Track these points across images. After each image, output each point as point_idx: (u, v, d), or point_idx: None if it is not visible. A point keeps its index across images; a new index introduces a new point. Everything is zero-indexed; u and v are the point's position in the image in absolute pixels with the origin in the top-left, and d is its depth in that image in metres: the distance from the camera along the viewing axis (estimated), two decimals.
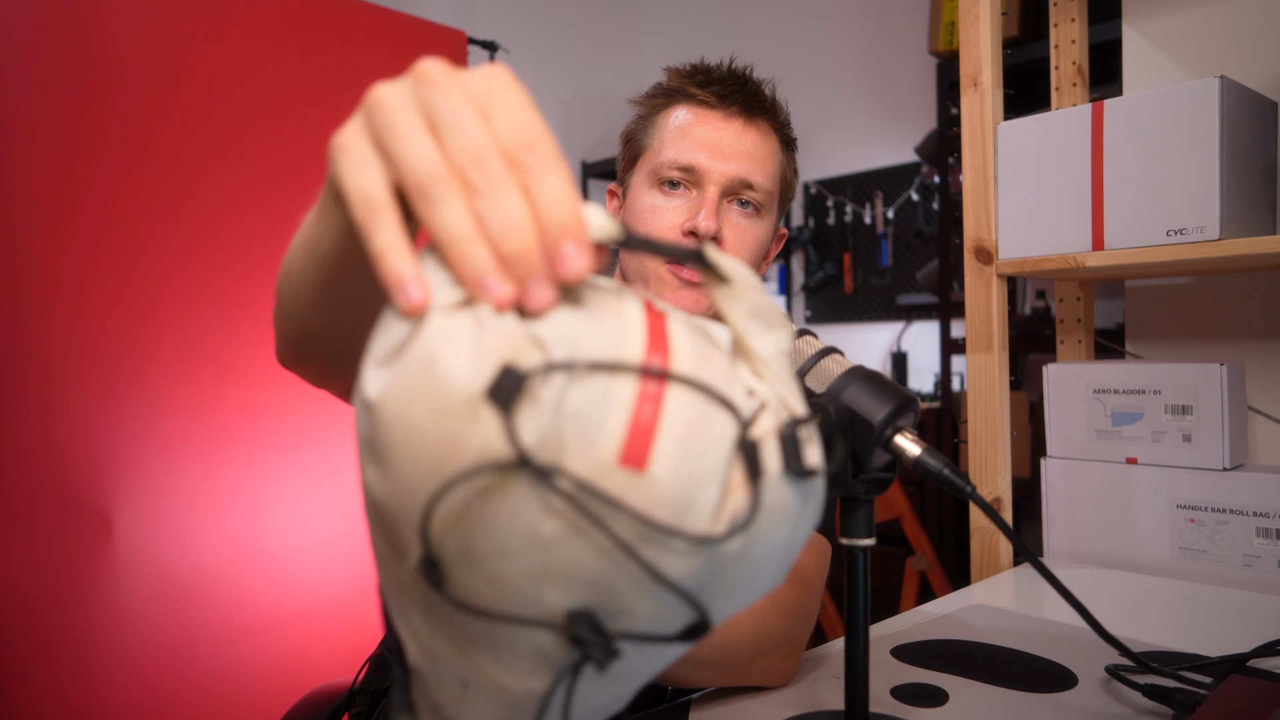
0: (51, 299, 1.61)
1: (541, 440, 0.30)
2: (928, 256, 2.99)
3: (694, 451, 0.32)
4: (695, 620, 0.34)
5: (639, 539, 0.31)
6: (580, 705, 0.36)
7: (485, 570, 0.32)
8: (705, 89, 0.85)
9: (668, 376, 0.33)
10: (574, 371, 0.31)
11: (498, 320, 0.32)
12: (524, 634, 0.33)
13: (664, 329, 0.35)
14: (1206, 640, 0.80)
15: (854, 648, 0.57)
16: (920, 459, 0.53)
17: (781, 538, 0.35)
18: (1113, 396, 1.09)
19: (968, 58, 1.12)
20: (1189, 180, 0.92)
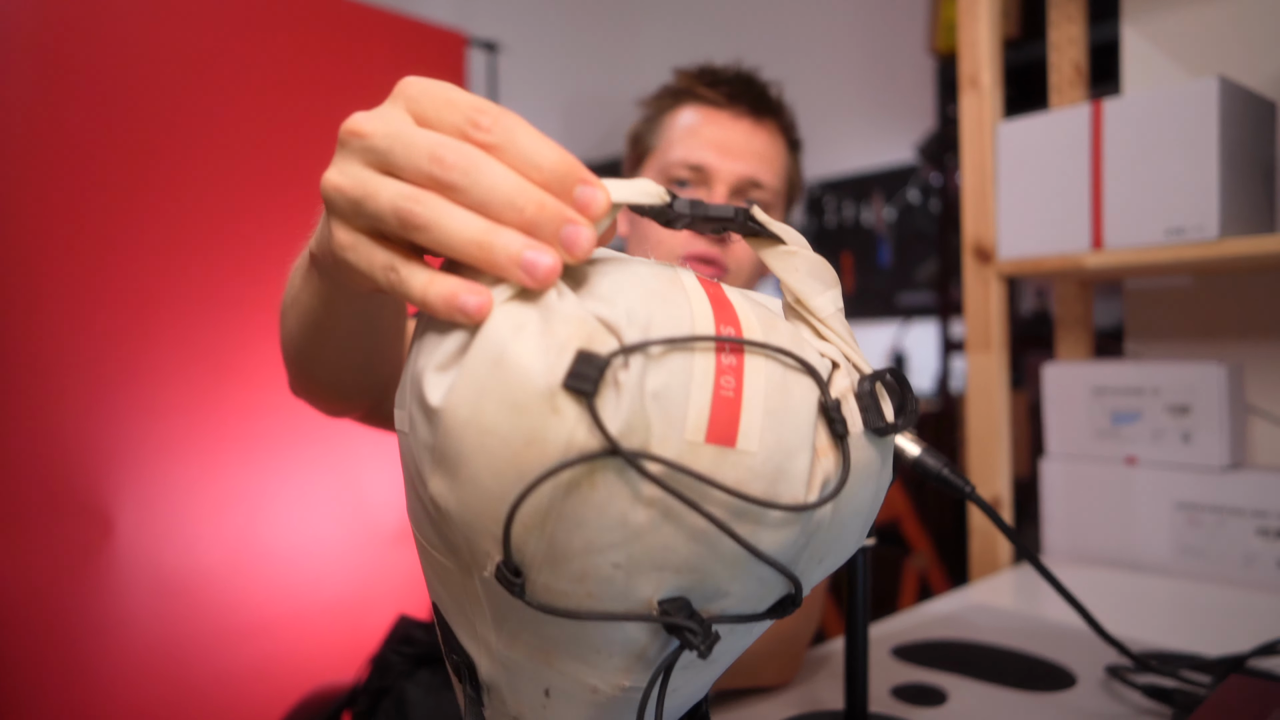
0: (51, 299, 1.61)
1: (628, 426, 0.29)
2: (927, 256, 2.99)
3: (780, 420, 0.31)
4: (789, 593, 0.33)
5: (734, 516, 0.30)
6: (671, 699, 0.35)
7: (572, 569, 0.30)
8: (714, 89, 0.85)
9: (744, 347, 0.31)
10: (651, 352, 0.30)
11: (562, 304, 0.31)
12: (615, 631, 0.32)
13: (725, 298, 0.34)
14: (1206, 640, 0.80)
15: (854, 647, 0.57)
16: (919, 459, 0.53)
17: (867, 496, 0.34)
18: (1112, 396, 1.10)
19: (967, 57, 1.12)
20: (1188, 180, 0.92)
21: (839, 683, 0.71)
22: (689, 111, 0.86)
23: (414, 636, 0.78)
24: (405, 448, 0.33)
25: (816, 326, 0.36)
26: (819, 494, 0.31)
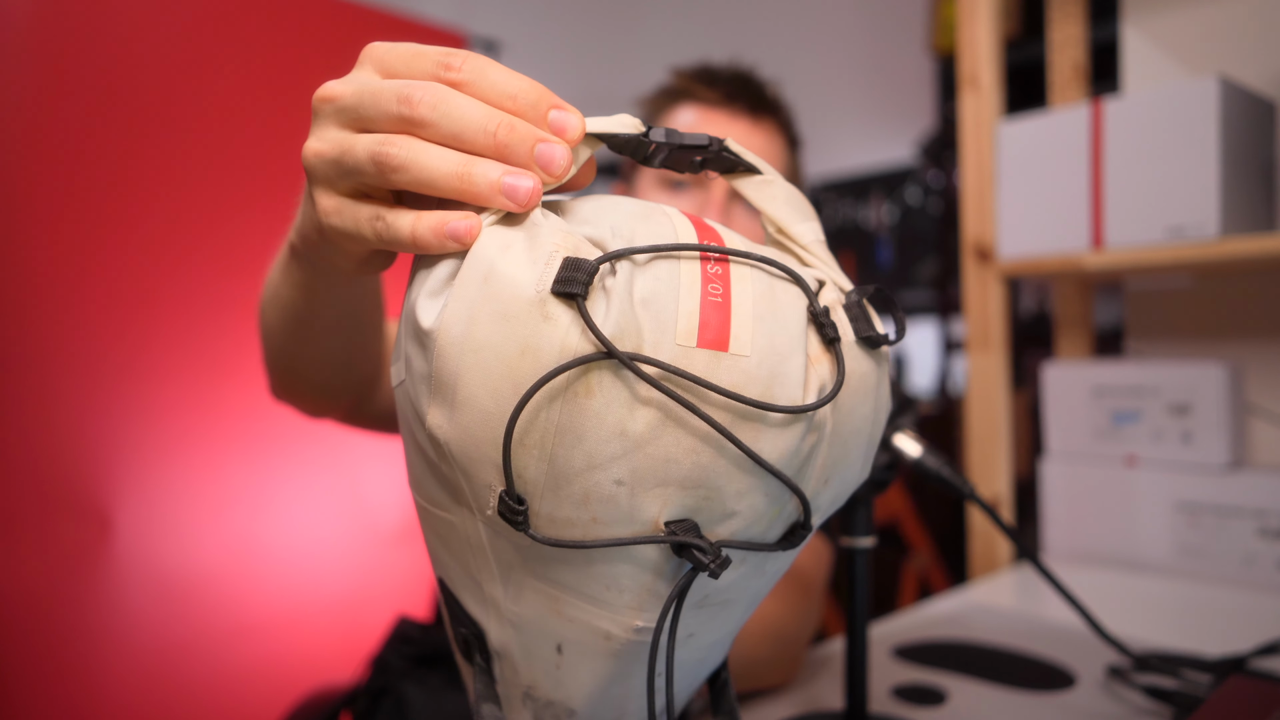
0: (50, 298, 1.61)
1: (619, 330, 0.29)
2: (927, 256, 2.99)
3: (771, 325, 0.31)
4: (798, 518, 0.33)
5: (733, 422, 0.30)
6: (688, 647, 0.34)
7: (575, 491, 0.30)
8: (711, 88, 0.85)
9: (728, 256, 0.32)
10: (637, 260, 0.30)
11: (547, 221, 0.31)
12: (623, 561, 0.31)
13: (707, 224, 0.35)
14: (1206, 640, 0.80)
15: (854, 647, 0.57)
16: (920, 459, 0.53)
17: (866, 412, 0.34)
18: (1112, 396, 1.09)
19: (967, 57, 1.12)
20: (1188, 179, 0.92)
21: (839, 682, 0.71)
22: (686, 111, 0.86)
23: (413, 636, 0.78)
24: (402, 399, 0.33)
25: (799, 253, 0.37)
26: (817, 397, 0.31)
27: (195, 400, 1.75)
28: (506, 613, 0.34)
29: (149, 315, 1.70)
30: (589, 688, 0.34)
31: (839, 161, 3.26)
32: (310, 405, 0.63)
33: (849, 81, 3.22)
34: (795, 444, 0.31)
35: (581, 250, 0.30)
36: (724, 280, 0.31)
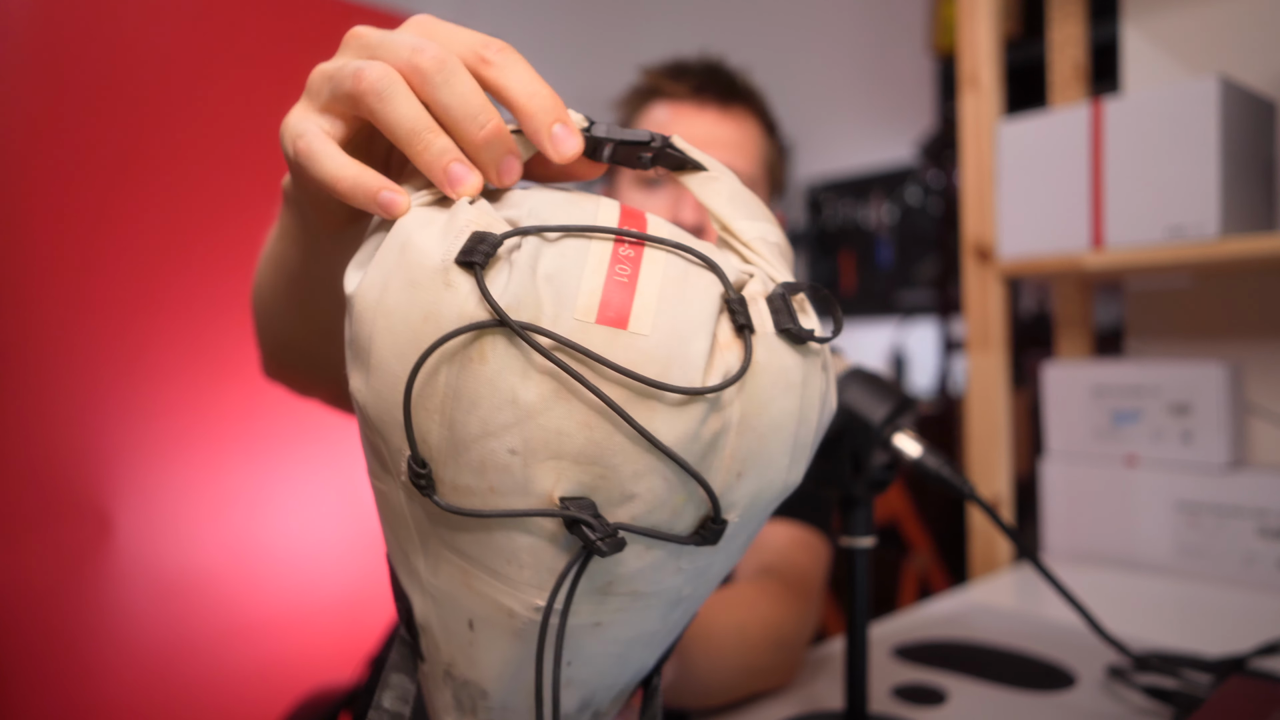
0: (50, 298, 1.61)
1: (517, 301, 0.30)
2: (927, 256, 2.99)
3: (676, 307, 0.31)
4: (708, 511, 0.32)
5: (628, 399, 0.30)
6: (598, 638, 0.34)
7: (472, 459, 0.30)
8: (679, 83, 0.85)
9: (644, 240, 0.32)
10: (548, 237, 0.31)
11: (470, 204, 0.32)
12: (521, 533, 0.31)
13: (641, 214, 0.35)
14: (1206, 640, 0.80)
15: (854, 647, 0.57)
16: (920, 459, 0.53)
17: (788, 407, 0.33)
18: (1112, 396, 1.09)
19: (967, 56, 1.12)
20: (1188, 179, 0.92)
21: (839, 682, 0.71)
22: (657, 109, 0.86)
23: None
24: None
25: (742, 251, 0.37)
26: (718, 382, 0.31)
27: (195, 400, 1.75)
28: (427, 585, 0.34)
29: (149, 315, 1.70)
30: (498, 668, 0.34)
31: (839, 161, 3.26)
32: (301, 379, 0.63)
33: (849, 81, 3.22)
34: (693, 427, 0.31)
35: (494, 227, 0.31)
36: (634, 263, 0.32)
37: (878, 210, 3.15)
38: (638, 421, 0.30)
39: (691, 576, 0.35)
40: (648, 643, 0.36)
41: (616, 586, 0.33)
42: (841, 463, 0.54)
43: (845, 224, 3.26)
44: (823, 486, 0.55)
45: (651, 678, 0.40)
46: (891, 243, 3.13)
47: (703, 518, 0.32)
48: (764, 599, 0.68)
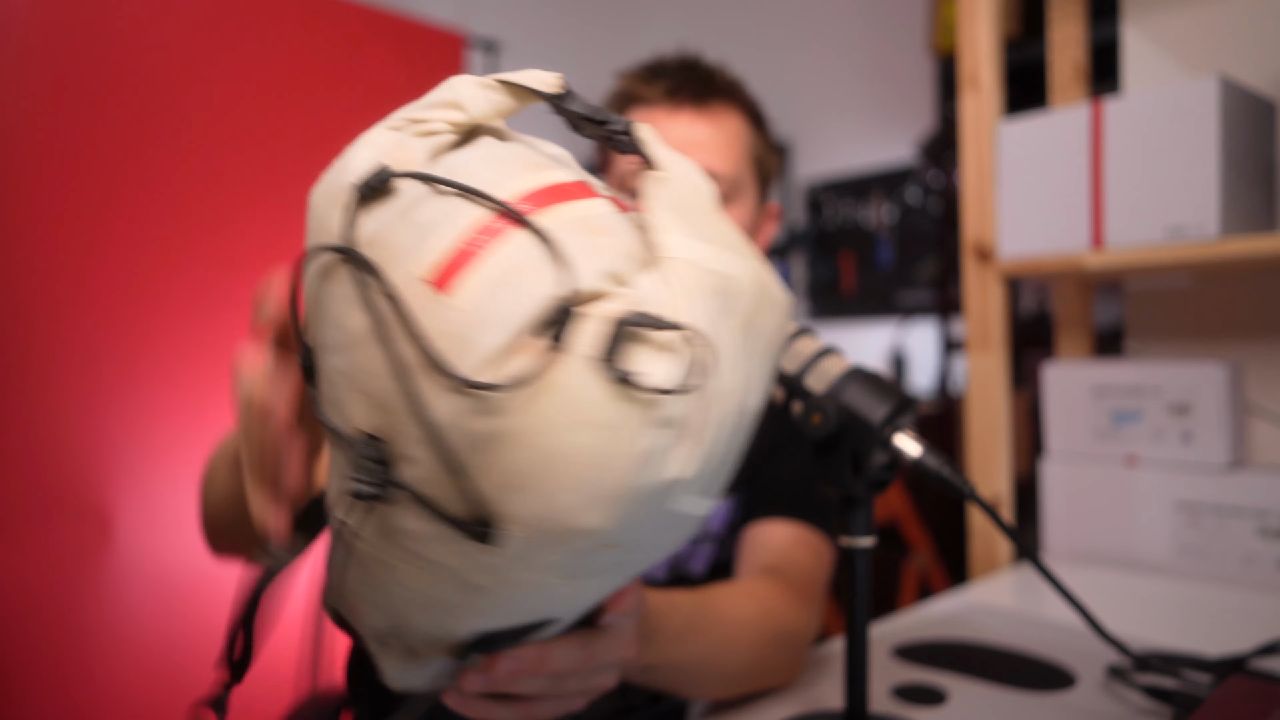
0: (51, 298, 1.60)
1: (375, 237, 0.32)
2: (927, 256, 2.99)
3: (501, 292, 0.30)
4: (474, 512, 0.31)
5: (418, 365, 0.30)
6: (398, 579, 0.34)
7: (325, 364, 0.33)
8: (652, 87, 0.83)
9: (519, 221, 0.32)
10: (437, 187, 0.32)
11: (416, 141, 0.34)
12: (335, 448, 0.34)
13: (571, 196, 0.34)
14: (1206, 640, 0.80)
15: (854, 647, 0.57)
16: (919, 459, 0.53)
17: (581, 443, 0.30)
18: (1112, 396, 1.09)
19: (967, 57, 1.12)
20: (1188, 179, 0.92)
21: (839, 682, 0.71)
22: (633, 115, 0.84)
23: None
24: None
25: (663, 267, 0.33)
26: (494, 381, 0.30)
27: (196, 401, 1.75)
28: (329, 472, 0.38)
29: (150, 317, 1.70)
30: (332, 573, 0.37)
31: (839, 161, 3.26)
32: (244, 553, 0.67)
33: (849, 81, 3.22)
34: (459, 418, 0.30)
35: (405, 165, 0.33)
36: (491, 236, 0.32)
37: (878, 210, 3.15)
38: (416, 388, 0.30)
39: (489, 573, 0.33)
40: (447, 609, 0.36)
41: (400, 539, 0.33)
42: (841, 463, 0.54)
43: (845, 224, 3.26)
44: (823, 486, 0.55)
45: (481, 647, 0.39)
46: (891, 243, 3.13)
47: (474, 514, 0.32)
48: (771, 595, 0.68)
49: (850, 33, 3.21)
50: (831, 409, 0.53)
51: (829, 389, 0.56)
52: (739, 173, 0.84)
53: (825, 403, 0.53)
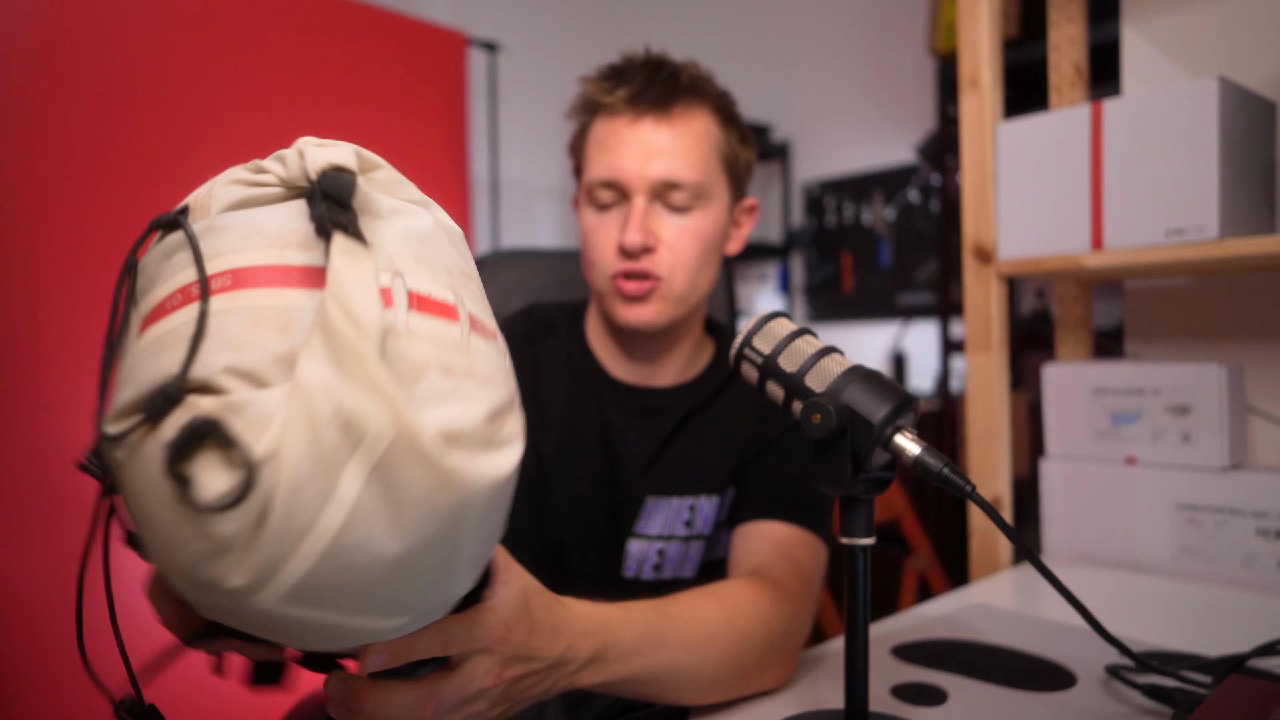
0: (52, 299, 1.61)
1: (147, 264, 0.37)
2: (927, 256, 2.99)
3: (149, 354, 0.34)
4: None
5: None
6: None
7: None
8: (613, 94, 0.83)
9: (202, 296, 0.34)
10: (195, 237, 0.36)
11: (227, 190, 0.38)
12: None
13: (276, 283, 0.35)
14: (1206, 640, 0.80)
15: (854, 647, 0.57)
16: (920, 458, 0.53)
17: (161, 519, 0.32)
18: (1112, 396, 1.10)
19: (967, 58, 1.12)
20: (1188, 180, 0.93)
21: (839, 682, 0.71)
22: (597, 125, 0.85)
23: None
24: None
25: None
26: (106, 430, 0.34)
27: None
28: None
29: None
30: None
31: (840, 162, 3.26)
32: None
33: (850, 82, 3.22)
34: (106, 445, 0.35)
35: (205, 209, 0.38)
36: (184, 304, 0.35)
37: (878, 210, 3.15)
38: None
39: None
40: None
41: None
42: (842, 462, 0.54)
43: (846, 224, 3.26)
44: (823, 486, 0.55)
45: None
46: (892, 243, 3.13)
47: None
48: (754, 594, 0.68)
49: (850, 33, 3.22)
50: (832, 408, 0.53)
51: (829, 388, 0.56)
52: (705, 177, 0.83)
53: (826, 402, 0.53)
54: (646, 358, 0.89)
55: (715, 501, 0.87)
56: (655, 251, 0.82)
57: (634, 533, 0.87)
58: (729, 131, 0.87)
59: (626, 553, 0.87)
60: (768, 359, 0.59)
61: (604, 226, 0.84)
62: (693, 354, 0.91)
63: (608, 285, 0.84)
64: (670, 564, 0.87)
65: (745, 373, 0.61)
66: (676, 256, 0.83)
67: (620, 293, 0.83)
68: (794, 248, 3.39)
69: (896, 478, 0.58)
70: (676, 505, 0.86)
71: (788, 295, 3.43)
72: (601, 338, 0.91)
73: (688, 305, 0.85)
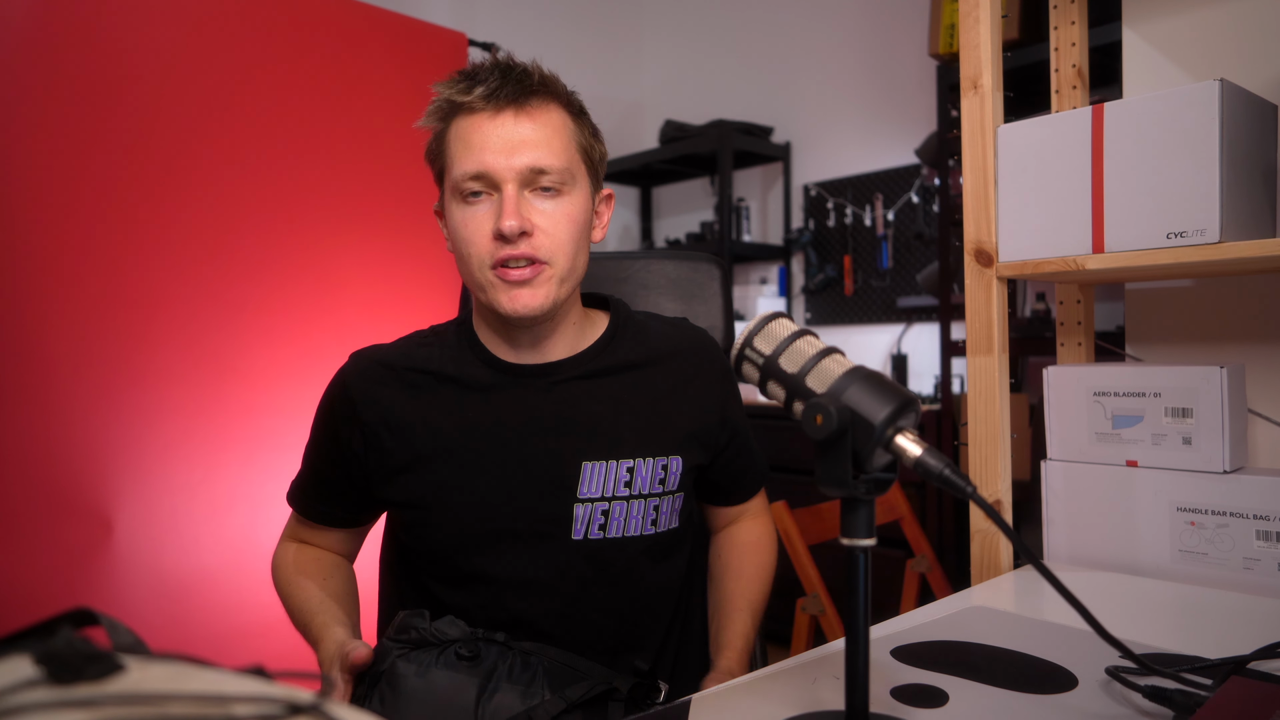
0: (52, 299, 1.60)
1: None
2: (928, 259, 2.99)
3: None
4: None
5: None
6: None
7: None
8: (470, 95, 0.86)
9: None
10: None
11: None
12: None
13: None
14: (1207, 642, 0.80)
15: (854, 648, 0.57)
16: (921, 459, 0.53)
17: None
18: (1113, 399, 1.10)
19: (968, 60, 1.12)
20: (1189, 183, 0.93)
21: (839, 683, 0.71)
22: (457, 124, 0.88)
23: (414, 625, 0.80)
24: None
25: None
26: None
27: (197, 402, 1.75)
28: None
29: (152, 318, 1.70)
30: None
31: (841, 164, 3.26)
32: None
33: (850, 84, 3.22)
34: None
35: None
36: None
37: (878, 212, 3.16)
38: None
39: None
40: None
41: None
42: (843, 463, 0.54)
43: (846, 226, 3.26)
44: (824, 487, 0.55)
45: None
46: (892, 245, 3.13)
47: None
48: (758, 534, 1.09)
49: (851, 36, 3.22)
50: (833, 409, 0.53)
51: (831, 389, 0.56)
52: (569, 164, 0.88)
53: (827, 403, 0.53)
54: (534, 342, 0.92)
55: (656, 463, 0.93)
56: (532, 236, 0.85)
57: (578, 498, 0.90)
58: (581, 125, 0.92)
59: (574, 517, 0.90)
60: (769, 359, 0.59)
61: (476, 219, 0.86)
62: (579, 329, 0.95)
63: (487, 276, 0.87)
64: (615, 523, 0.91)
65: (746, 373, 0.61)
66: (554, 240, 0.86)
67: (503, 280, 0.85)
68: (794, 250, 3.39)
69: (897, 479, 0.58)
70: (614, 467, 0.91)
71: (788, 297, 3.43)
72: (489, 334, 0.94)
73: (569, 286, 0.89)
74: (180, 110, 1.75)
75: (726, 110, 3.44)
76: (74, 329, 1.62)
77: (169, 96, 1.74)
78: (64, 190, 1.62)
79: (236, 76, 1.83)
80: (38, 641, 0.33)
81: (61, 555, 1.56)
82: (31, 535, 1.54)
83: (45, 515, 1.56)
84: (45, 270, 1.60)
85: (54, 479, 1.57)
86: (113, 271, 1.67)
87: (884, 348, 3.14)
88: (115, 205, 1.67)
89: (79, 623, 0.43)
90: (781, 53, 3.41)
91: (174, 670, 0.33)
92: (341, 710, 0.31)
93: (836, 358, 0.58)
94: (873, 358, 3.14)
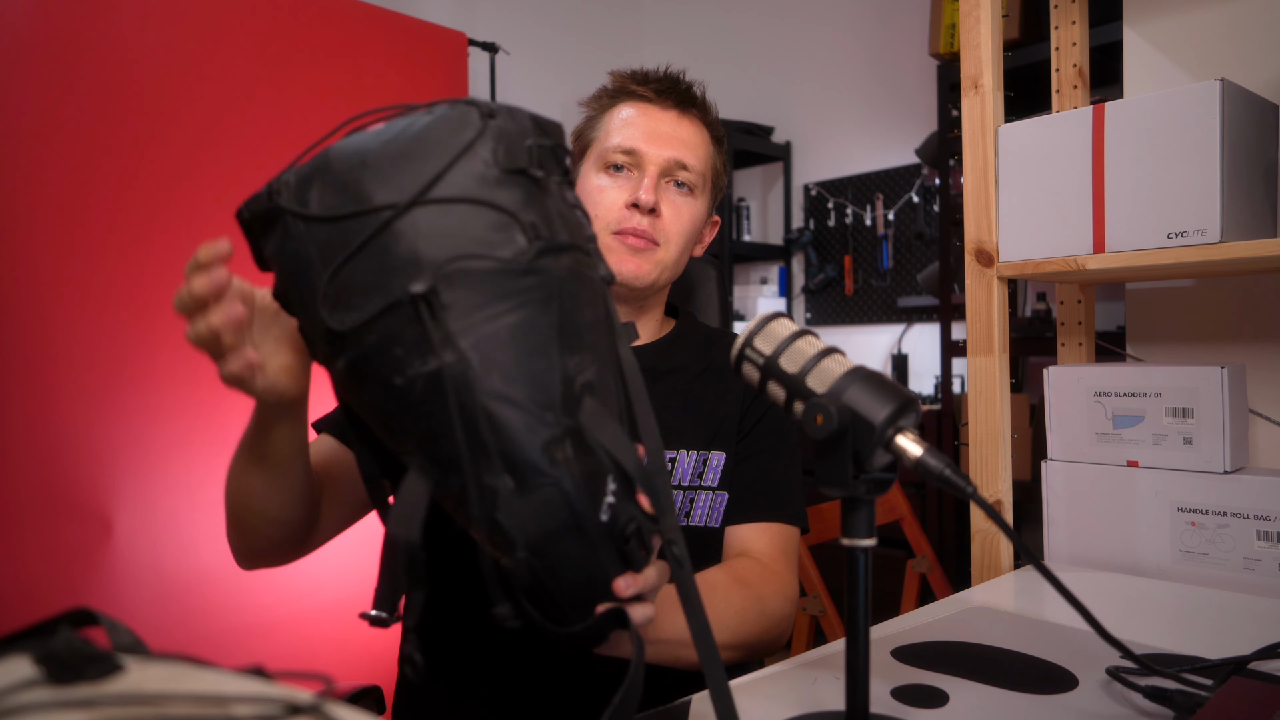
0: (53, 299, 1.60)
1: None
2: (928, 259, 2.99)
3: None
4: None
5: None
6: None
7: None
8: (644, 86, 0.96)
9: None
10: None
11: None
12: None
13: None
14: (1207, 643, 0.80)
15: (854, 648, 0.57)
16: (921, 459, 0.53)
17: None
18: (1113, 399, 1.09)
19: (968, 60, 1.12)
20: (1190, 183, 0.92)
21: (839, 683, 0.71)
22: (624, 107, 0.97)
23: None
24: None
25: None
26: None
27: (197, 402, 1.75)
28: None
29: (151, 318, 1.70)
30: None
31: (841, 164, 3.26)
32: (269, 546, 0.82)
33: (851, 84, 3.22)
34: None
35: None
36: None
37: (879, 212, 3.15)
38: None
39: None
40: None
41: None
42: (843, 463, 0.54)
43: (846, 226, 3.26)
44: (824, 487, 0.55)
45: None
46: (892, 245, 3.13)
47: None
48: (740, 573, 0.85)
49: (852, 35, 3.22)
50: (834, 409, 0.53)
51: (831, 389, 0.56)
52: (705, 173, 0.97)
53: (827, 403, 0.53)
54: (625, 317, 0.97)
55: (698, 457, 0.94)
56: (659, 216, 0.93)
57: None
58: (719, 151, 1.01)
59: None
60: (769, 359, 0.59)
61: (614, 188, 0.93)
62: (658, 326, 1.02)
63: (609, 239, 0.93)
64: (699, 512, 0.93)
65: (746, 373, 0.61)
66: (673, 228, 0.94)
67: (623, 244, 0.92)
68: (794, 250, 3.39)
69: (897, 479, 0.58)
70: (688, 458, 0.94)
71: (788, 297, 3.43)
72: None
73: (668, 275, 0.96)
74: (179, 110, 1.75)
75: (727, 110, 3.44)
76: (75, 329, 1.62)
77: (168, 97, 1.74)
78: (64, 190, 1.62)
79: (234, 77, 1.83)
80: (37, 642, 0.33)
81: (61, 555, 1.56)
82: (31, 535, 1.54)
83: (45, 515, 1.56)
84: (46, 271, 1.60)
85: (54, 479, 1.57)
86: (113, 272, 1.67)
87: (884, 348, 3.13)
88: (115, 205, 1.67)
89: (79, 623, 0.43)
90: (782, 53, 3.41)
91: (174, 670, 0.33)
92: (341, 710, 0.31)
93: (837, 358, 0.58)
94: (873, 358, 3.14)
